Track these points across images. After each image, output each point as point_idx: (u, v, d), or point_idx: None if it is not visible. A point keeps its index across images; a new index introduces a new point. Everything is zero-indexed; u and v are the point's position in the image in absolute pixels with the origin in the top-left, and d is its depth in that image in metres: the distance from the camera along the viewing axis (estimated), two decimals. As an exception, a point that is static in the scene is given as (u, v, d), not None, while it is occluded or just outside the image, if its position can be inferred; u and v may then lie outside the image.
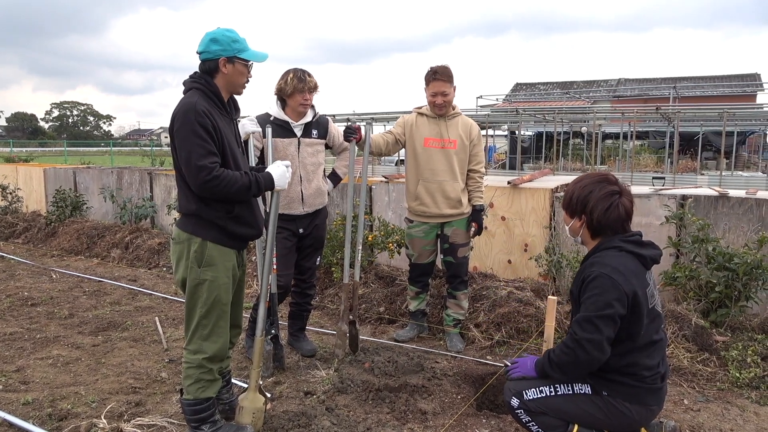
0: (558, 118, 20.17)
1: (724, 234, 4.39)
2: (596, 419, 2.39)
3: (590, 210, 2.40)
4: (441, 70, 3.77)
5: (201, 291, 2.56)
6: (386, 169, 19.35)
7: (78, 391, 3.28)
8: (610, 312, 2.25)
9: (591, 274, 2.33)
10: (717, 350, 3.62)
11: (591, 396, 2.39)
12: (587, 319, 2.28)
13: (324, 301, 4.98)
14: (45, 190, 9.49)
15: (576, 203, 2.44)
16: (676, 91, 26.56)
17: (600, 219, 2.38)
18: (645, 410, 2.38)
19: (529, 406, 2.43)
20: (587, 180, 2.48)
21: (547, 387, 2.43)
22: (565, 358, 2.34)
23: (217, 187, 2.45)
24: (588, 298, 2.31)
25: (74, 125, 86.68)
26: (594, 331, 2.26)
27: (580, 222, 2.46)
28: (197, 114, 2.44)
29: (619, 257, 2.34)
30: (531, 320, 4.04)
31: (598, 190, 2.40)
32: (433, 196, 3.87)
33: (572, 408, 2.39)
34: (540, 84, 37.15)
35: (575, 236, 2.54)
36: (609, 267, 2.30)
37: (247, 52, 2.61)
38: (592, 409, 2.38)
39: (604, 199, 2.38)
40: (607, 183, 2.43)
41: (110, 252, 7.14)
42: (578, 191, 2.44)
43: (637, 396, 2.36)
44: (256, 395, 2.80)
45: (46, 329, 4.38)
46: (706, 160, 21.99)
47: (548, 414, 2.41)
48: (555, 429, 2.42)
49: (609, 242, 2.39)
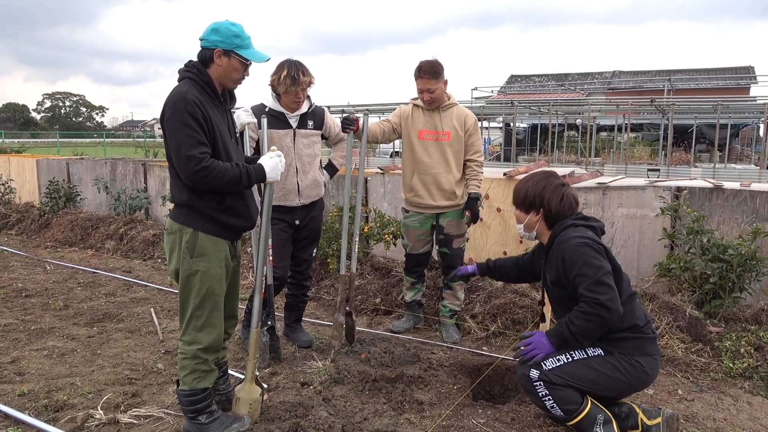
0: (553, 110, 20.21)
1: (718, 226, 4.41)
2: (614, 379, 2.53)
3: (547, 202, 2.67)
4: (425, 66, 3.70)
5: (194, 282, 2.55)
6: (381, 160, 19.33)
7: (74, 383, 3.27)
8: (606, 269, 2.48)
9: (566, 251, 2.55)
10: (711, 341, 3.65)
11: (605, 357, 2.54)
12: (596, 282, 2.45)
13: (320, 293, 4.99)
14: (38, 181, 9.42)
15: (533, 198, 2.70)
16: (670, 84, 26.64)
17: (557, 208, 2.66)
18: (653, 360, 2.58)
19: (549, 377, 2.51)
20: (537, 177, 2.74)
21: (563, 355, 2.55)
22: (590, 324, 2.47)
23: (206, 177, 2.43)
24: (580, 268, 2.49)
25: (66, 116, 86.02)
26: (608, 289, 2.44)
27: (537, 215, 2.71)
28: (187, 104, 2.41)
29: (577, 230, 2.61)
30: (526, 311, 4.05)
31: (549, 184, 2.69)
32: (427, 188, 3.87)
33: (590, 372, 2.52)
34: (535, 76, 37.14)
35: (530, 231, 2.77)
36: (576, 237, 2.55)
37: (247, 50, 2.56)
38: (608, 369, 2.52)
39: (556, 191, 2.68)
40: (554, 177, 2.74)
41: (104, 243, 7.10)
42: (532, 188, 2.71)
43: (643, 347, 2.56)
44: (252, 386, 2.81)
45: (41, 320, 4.36)
46: (700, 153, 22.10)
47: (568, 386, 2.50)
48: (570, 405, 2.51)
49: (562, 224, 2.66)
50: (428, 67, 3.70)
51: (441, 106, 3.86)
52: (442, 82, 3.77)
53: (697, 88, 28.72)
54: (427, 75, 3.69)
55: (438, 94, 3.77)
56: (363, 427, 2.71)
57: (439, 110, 3.86)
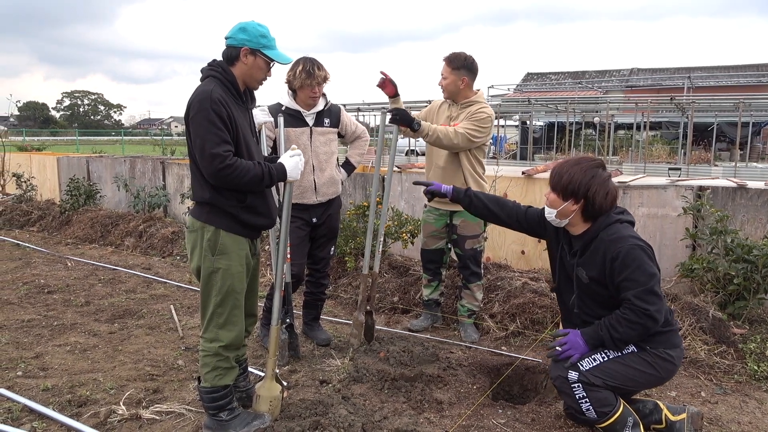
0: (570, 108, 20.02)
1: (742, 225, 4.34)
2: (649, 375, 2.53)
3: (592, 194, 2.50)
4: (450, 54, 3.82)
5: (215, 279, 2.56)
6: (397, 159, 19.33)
7: (96, 378, 3.31)
8: (657, 277, 2.43)
9: (620, 251, 2.44)
10: (735, 343, 3.59)
11: (639, 353, 2.53)
12: (647, 290, 2.40)
13: (337, 291, 4.99)
14: (58, 178, 9.56)
15: (577, 186, 2.51)
16: (690, 81, 26.25)
17: (601, 203, 2.51)
18: (680, 351, 2.59)
19: (588, 378, 2.48)
20: (586, 164, 2.56)
21: (599, 354, 2.53)
22: (633, 332, 2.45)
23: (230, 176, 2.44)
24: (632, 272, 2.42)
25: (85, 114, 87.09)
26: (658, 301, 2.41)
27: (576, 205, 2.54)
28: (213, 102, 2.43)
29: (626, 227, 2.52)
30: (546, 311, 4.02)
31: (598, 175, 2.52)
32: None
33: (627, 370, 2.50)
34: (551, 74, 36.83)
35: (562, 219, 2.60)
36: (629, 238, 2.46)
37: (273, 51, 2.60)
38: (643, 366, 2.51)
39: (604, 184, 2.52)
40: (602, 169, 2.59)
41: (124, 240, 7.18)
42: (578, 175, 2.51)
43: (671, 339, 2.56)
44: (272, 384, 2.82)
45: (63, 316, 4.42)
46: (720, 151, 21.75)
47: (606, 386, 2.48)
48: (605, 407, 2.49)
49: (608, 219, 2.54)
50: (452, 55, 3.81)
51: (461, 101, 3.85)
52: (459, 77, 3.77)
53: (718, 85, 28.28)
54: (446, 60, 3.81)
55: (448, 84, 3.80)
56: (383, 426, 2.71)
57: (458, 105, 3.87)
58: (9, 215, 8.81)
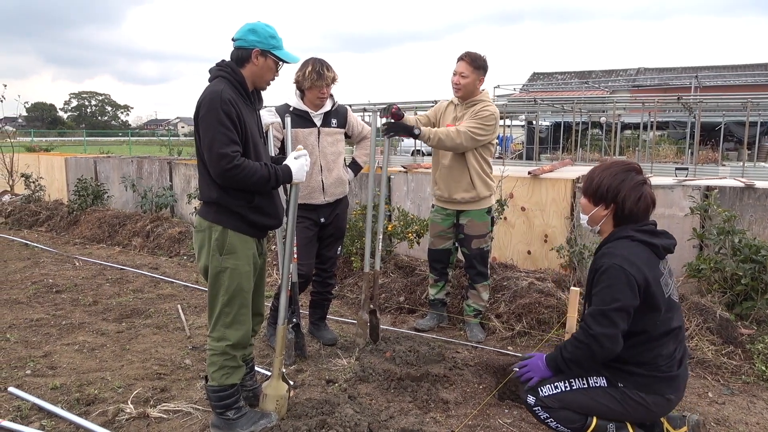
0: (576, 108, 19.95)
1: (749, 226, 4.32)
2: (613, 411, 2.38)
3: (622, 199, 2.36)
4: (470, 53, 3.80)
5: (223, 279, 2.58)
6: (404, 159, 19.33)
7: (104, 377, 3.33)
8: (622, 304, 2.24)
9: (602, 265, 2.32)
10: (742, 343, 3.58)
11: (607, 388, 2.38)
12: (601, 312, 2.27)
13: (344, 291, 5.00)
14: (66, 179, 9.61)
15: (607, 192, 2.38)
16: (697, 81, 26.12)
17: (632, 208, 2.36)
18: (662, 400, 2.36)
19: (546, 403, 2.41)
20: (616, 168, 2.42)
21: (562, 382, 2.42)
22: (579, 354, 2.34)
23: (237, 176, 2.46)
24: (600, 290, 2.30)
25: (92, 115, 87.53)
26: (609, 325, 2.26)
27: (607, 210, 2.41)
28: (223, 102, 2.45)
29: (630, 247, 2.32)
30: (552, 311, 4.01)
31: (629, 179, 2.37)
32: (446, 182, 3.91)
33: (589, 401, 2.38)
34: (558, 73, 36.74)
35: (594, 225, 2.49)
36: (619, 257, 2.28)
37: (282, 51, 2.63)
38: (608, 402, 2.37)
39: (635, 188, 2.36)
40: (636, 172, 2.42)
41: (131, 240, 7.22)
42: (608, 179, 2.39)
43: (652, 386, 2.34)
44: (279, 383, 2.83)
45: (71, 316, 4.45)
46: (727, 151, 21.63)
47: (566, 408, 2.40)
48: (573, 423, 2.41)
49: (621, 231, 2.38)
50: (472, 54, 3.80)
51: (468, 101, 3.85)
52: (478, 77, 3.79)
53: (725, 85, 28.11)
54: (467, 59, 3.78)
55: (467, 83, 3.77)
56: (389, 425, 2.71)
57: (464, 105, 3.87)
58: (18, 215, 8.88)
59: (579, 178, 5.06)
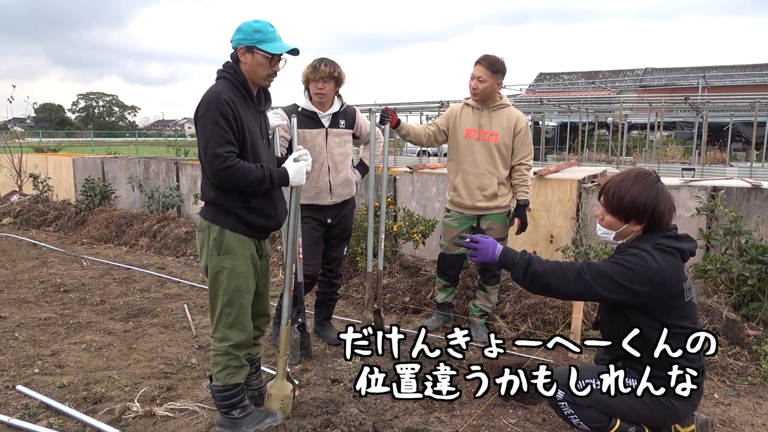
0: (583, 108, 19.90)
1: (756, 226, 4.30)
2: (640, 415, 2.37)
3: (659, 214, 2.28)
4: (488, 56, 3.73)
5: (221, 279, 2.59)
6: (409, 159, 19.33)
7: (111, 375, 3.36)
8: (631, 288, 2.21)
9: (630, 249, 2.28)
10: (748, 344, 3.56)
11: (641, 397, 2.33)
12: (608, 276, 2.23)
13: (349, 291, 5.02)
14: (74, 179, 9.67)
15: (642, 207, 2.27)
16: (705, 81, 25.99)
17: (667, 220, 2.30)
18: (688, 403, 2.36)
19: (575, 400, 2.38)
20: (644, 181, 2.31)
21: (594, 380, 2.36)
22: (552, 279, 2.29)
23: (230, 176, 2.46)
24: (617, 261, 2.25)
25: (100, 116, 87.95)
26: (604, 289, 2.23)
27: (638, 226, 2.31)
28: (219, 102, 2.45)
29: (658, 253, 2.25)
30: (557, 312, 4.01)
31: (661, 192, 2.29)
32: (469, 189, 3.84)
33: (618, 404, 2.36)
34: (564, 74, 36.64)
35: (621, 239, 2.38)
36: (646, 253, 2.23)
37: (268, 43, 2.54)
38: (638, 405, 2.35)
39: (668, 199, 2.30)
40: (660, 181, 2.35)
41: (138, 240, 7.26)
42: (642, 195, 2.27)
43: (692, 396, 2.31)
44: (284, 382, 2.84)
45: (79, 315, 4.48)
46: (735, 152, 21.52)
47: (593, 407, 2.38)
48: (597, 423, 2.40)
49: (648, 238, 2.30)
50: (490, 57, 3.73)
51: (492, 105, 3.81)
52: (496, 80, 3.73)
53: (733, 85, 27.96)
54: (484, 63, 3.71)
55: (486, 87, 3.72)
56: (394, 425, 2.72)
57: (489, 110, 3.82)
58: (26, 215, 8.95)
59: (585, 178, 5.05)
